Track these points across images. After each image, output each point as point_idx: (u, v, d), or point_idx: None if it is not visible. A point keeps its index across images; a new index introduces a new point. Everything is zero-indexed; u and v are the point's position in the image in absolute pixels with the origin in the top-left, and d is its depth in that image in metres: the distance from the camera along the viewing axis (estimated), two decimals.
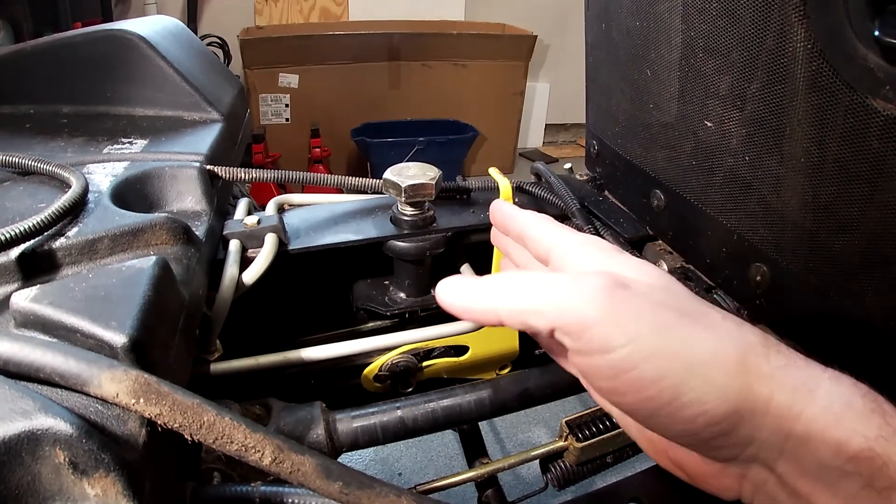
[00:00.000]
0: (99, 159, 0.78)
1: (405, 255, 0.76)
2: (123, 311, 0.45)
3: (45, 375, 0.40)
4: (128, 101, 0.95)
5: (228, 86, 1.09)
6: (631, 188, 0.93)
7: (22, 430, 0.35)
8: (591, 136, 1.04)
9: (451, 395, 0.67)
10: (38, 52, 0.93)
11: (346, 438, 0.60)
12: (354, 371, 0.78)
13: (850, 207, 0.57)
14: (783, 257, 0.67)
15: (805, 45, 0.56)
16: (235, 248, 0.70)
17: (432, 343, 0.77)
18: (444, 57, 3.84)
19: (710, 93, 0.71)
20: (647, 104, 0.84)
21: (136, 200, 0.71)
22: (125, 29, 0.92)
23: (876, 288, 0.57)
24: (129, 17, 3.81)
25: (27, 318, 0.46)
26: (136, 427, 0.39)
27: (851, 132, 0.54)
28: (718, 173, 0.73)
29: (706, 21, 0.69)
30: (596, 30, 0.95)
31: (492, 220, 0.57)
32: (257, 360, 0.66)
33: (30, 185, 0.70)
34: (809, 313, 0.66)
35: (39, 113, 0.93)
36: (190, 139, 0.86)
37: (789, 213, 0.65)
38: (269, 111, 3.68)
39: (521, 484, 0.75)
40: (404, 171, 0.74)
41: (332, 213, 0.81)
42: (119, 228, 0.59)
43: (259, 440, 0.37)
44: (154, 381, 0.38)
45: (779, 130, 0.63)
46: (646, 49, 0.81)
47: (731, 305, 0.77)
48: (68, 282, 0.49)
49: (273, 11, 4.12)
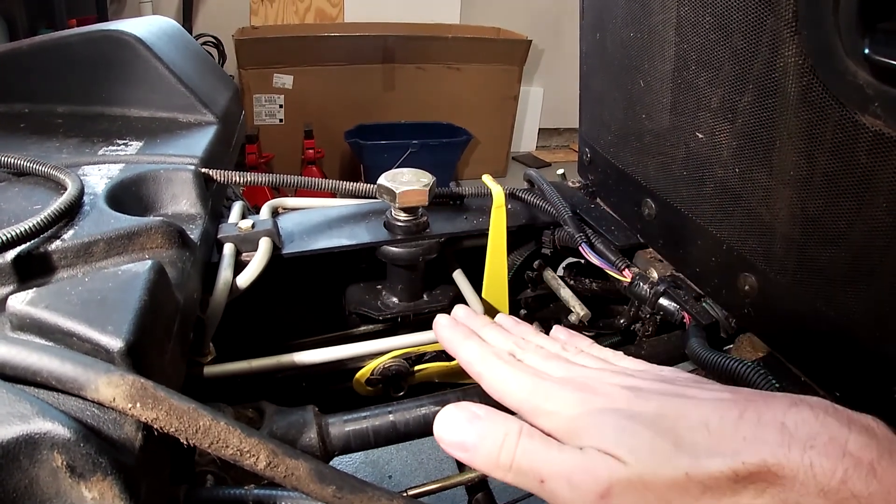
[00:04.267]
0: (94, 161, 0.78)
1: (398, 260, 0.77)
2: (119, 315, 0.45)
3: (42, 379, 0.40)
4: (123, 102, 0.95)
5: (223, 87, 1.09)
6: (623, 196, 0.94)
7: (20, 433, 0.35)
8: (584, 144, 1.05)
9: (443, 399, 0.68)
10: (35, 51, 0.92)
11: (339, 442, 0.60)
12: (346, 374, 0.78)
13: (837, 220, 0.58)
14: (771, 268, 0.68)
15: (796, 60, 0.57)
16: (230, 252, 0.70)
17: (424, 347, 0.77)
18: (438, 60, 3.85)
19: (701, 105, 0.72)
20: (639, 114, 0.85)
21: (131, 203, 0.71)
22: (121, 29, 0.92)
23: (862, 300, 0.58)
24: (125, 14, 3.82)
25: (23, 322, 0.46)
26: (132, 431, 0.40)
27: (840, 147, 0.55)
28: (709, 184, 0.74)
29: (699, 34, 0.70)
30: (590, 39, 0.96)
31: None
32: (250, 364, 0.67)
33: (25, 186, 0.70)
34: (797, 323, 0.67)
35: (34, 112, 0.93)
36: (185, 141, 0.86)
37: (778, 224, 0.66)
38: (262, 111, 3.68)
39: (509, 488, 0.76)
40: (398, 176, 0.74)
41: (326, 217, 0.82)
42: (115, 232, 0.59)
43: (254, 444, 0.37)
44: (150, 386, 0.38)
45: (769, 143, 0.64)
46: (639, 59, 0.82)
47: (720, 313, 0.78)
48: (64, 285, 0.49)
49: (268, 11, 4.12)
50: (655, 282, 0.81)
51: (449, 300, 0.83)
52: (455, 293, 0.83)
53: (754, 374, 0.64)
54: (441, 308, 0.83)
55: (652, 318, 0.88)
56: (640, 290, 0.81)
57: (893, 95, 0.49)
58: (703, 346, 0.72)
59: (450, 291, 0.84)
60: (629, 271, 0.82)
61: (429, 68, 3.85)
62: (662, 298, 0.80)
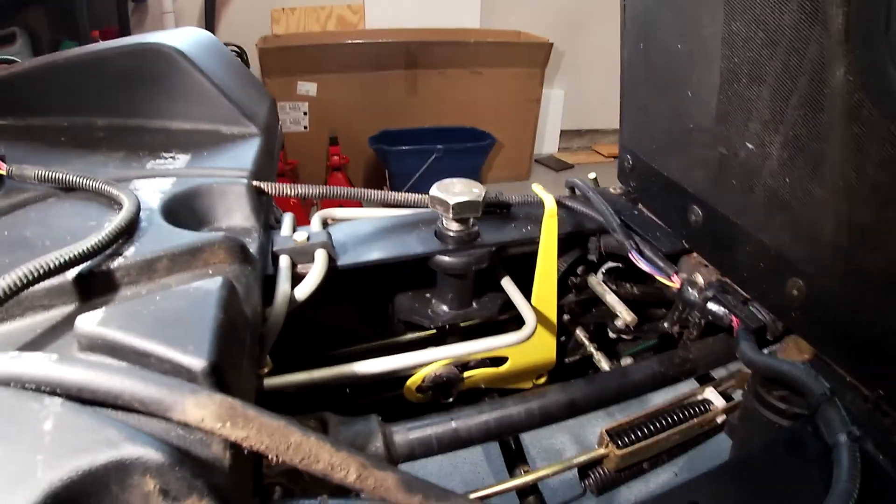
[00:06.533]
0: (143, 174, 0.79)
1: (451, 269, 0.77)
2: (198, 334, 0.45)
3: (124, 402, 0.39)
4: (164, 115, 0.95)
5: (261, 98, 1.10)
6: (667, 202, 0.95)
7: (109, 460, 0.35)
8: (625, 151, 1.05)
9: (502, 406, 0.68)
10: (72, 65, 0.93)
11: (403, 450, 0.61)
12: (398, 382, 0.79)
13: (884, 230, 0.60)
14: (819, 273, 0.70)
15: (847, 77, 0.58)
16: (286, 265, 0.71)
17: (477, 355, 0.78)
18: (460, 65, 3.86)
19: (751, 116, 0.73)
20: (686, 123, 0.86)
21: (186, 217, 0.72)
22: (161, 42, 0.93)
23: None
24: (146, 25, 3.86)
25: (94, 342, 0.46)
26: (220, 450, 0.40)
27: (888, 161, 0.56)
28: (758, 192, 0.75)
29: (750, 48, 0.70)
30: (633, 49, 0.96)
31: None
32: (311, 375, 0.68)
33: (75, 201, 0.70)
34: (843, 327, 0.68)
35: (73, 125, 0.93)
36: (232, 154, 0.87)
37: (826, 232, 0.67)
38: (287, 119, 3.70)
39: (546, 490, 0.77)
40: (450, 187, 0.75)
41: (377, 227, 0.83)
42: (178, 248, 0.60)
43: (344, 458, 0.38)
44: (238, 405, 0.39)
45: (819, 155, 0.65)
46: (687, 71, 0.82)
47: (767, 317, 0.78)
48: (135, 304, 0.49)
49: (290, 20, 4.15)
50: (703, 287, 0.82)
51: (498, 308, 0.84)
52: (503, 300, 0.84)
53: (806, 377, 0.66)
54: (490, 315, 0.83)
55: (698, 323, 0.88)
56: (689, 295, 0.82)
57: None
58: (754, 349, 0.73)
59: (498, 299, 0.85)
60: (678, 277, 0.82)
61: (451, 73, 3.86)
62: (711, 303, 0.81)
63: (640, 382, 0.81)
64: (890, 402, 0.64)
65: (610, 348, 1.05)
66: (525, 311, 0.76)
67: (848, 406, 0.65)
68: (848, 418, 0.62)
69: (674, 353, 0.85)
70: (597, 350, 0.96)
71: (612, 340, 1.06)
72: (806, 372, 0.66)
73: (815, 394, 0.64)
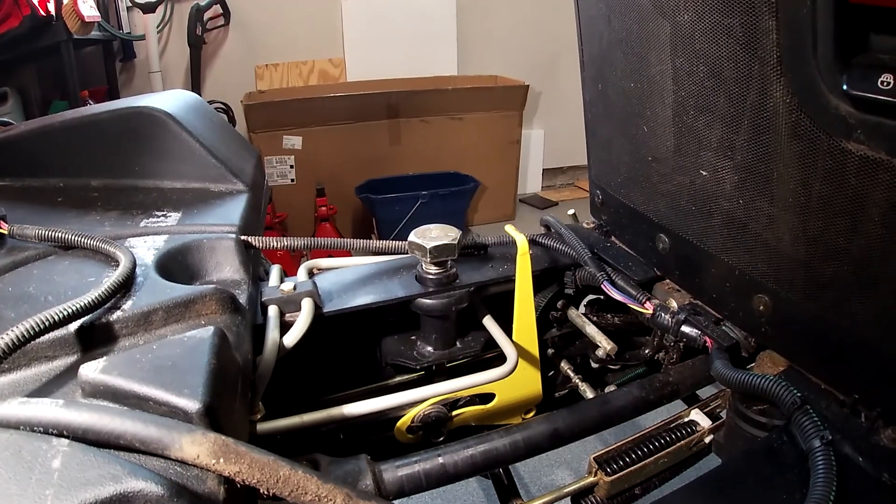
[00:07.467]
0: (137, 233, 0.83)
1: (433, 311, 0.81)
2: (193, 378, 0.49)
3: (126, 442, 0.43)
4: (156, 175, 1.00)
5: (248, 156, 1.15)
6: (637, 233, 0.99)
7: (113, 493, 0.38)
8: (595, 186, 1.10)
9: (487, 439, 0.71)
10: (67, 128, 0.98)
11: (393, 487, 0.64)
12: (387, 424, 0.81)
13: (836, 238, 0.64)
14: (782, 287, 0.73)
15: (784, 99, 0.63)
16: (275, 314, 0.75)
17: (461, 392, 0.80)
18: (441, 111, 3.94)
19: (703, 145, 0.78)
20: (645, 157, 0.90)
21: (179, 272, 0.76)
22: (152, 106, 0.98)
23: (868, 308, 0.63)
24: (134, 84, 3.94)
25: (97, 389, 0.49)
26: (214, 485, 0.43)
27: (831, 172, 0.61)
28: (717, 216, 0.79)
29: (695, 82, 0.76)
30: (592, 90, 1.01)
31: None
32: (302, 419, 0.70)
33: (74, 259, 0.74)
34: (811, 335, 0.72)
35: (70, 186, 0.98)
36: (221, 211, 0.91)
37: (783, 247, 0.71)
38: (274, 172, 3.76)
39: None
40: (427, 233, 0.79)
41: (360, 274, 0.86)
42: (172, 301, 0.64)
43: (330, 490, 0.41)
44: (231, 442, 0.42)
45: (767, 175, 0.69)
46: (641, 107, 0.88)
47: (739, 334, 0.82)
48: (134, 353, 0.53)
49: (273, 75, 4.25)
50: (676, 311, 0.85)
51: (481, 345, 0.87)
52: (487, 338, 0.87)
53: (777, 388, 0.68)
54: (474, 353, 0.86)
55: (675, 346, 0.91)
56: (663, 320, 0.85)
57: (873, 122, 0.55)
58: (727, 366, 0.76)
59: (481, 337, 0.88)
60: (650, 304, 0.86)
61: (432, 120, 3.94)
62: (684, 326, 0.84)
63: (621, 409, 0.83)
64: (866, 404, 0.66)
65: (598, 379, 1.08)
66: (506, 347, 0.79)
67: (824, 413, 0.68)
68: (823, 424, 0.64)
69: (654, 378, 0.87)
70: (582, 381, 0.98)
71: (601, 372, 1.09)
72: (776, 383, 0.68)
73: (787, 403, 0.67)
